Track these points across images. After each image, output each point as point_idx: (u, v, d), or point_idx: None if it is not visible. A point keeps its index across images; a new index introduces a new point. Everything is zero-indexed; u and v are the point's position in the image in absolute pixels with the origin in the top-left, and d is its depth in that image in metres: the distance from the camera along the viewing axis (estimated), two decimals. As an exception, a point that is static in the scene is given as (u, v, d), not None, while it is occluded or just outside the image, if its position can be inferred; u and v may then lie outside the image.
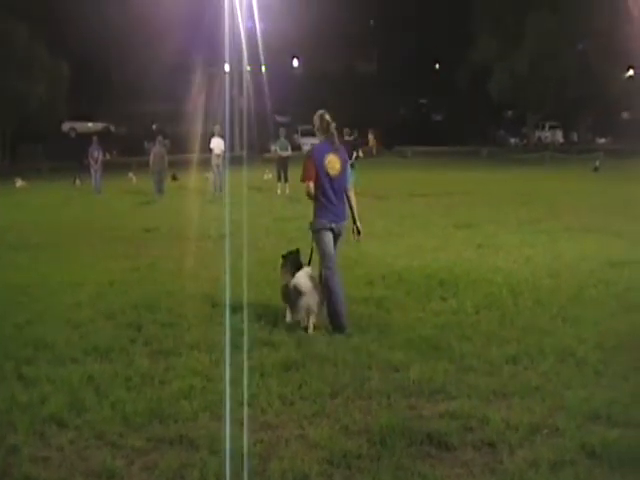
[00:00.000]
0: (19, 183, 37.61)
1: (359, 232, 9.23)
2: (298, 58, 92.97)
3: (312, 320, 8.75)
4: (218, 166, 28.28)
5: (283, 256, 9.66)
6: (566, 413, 6.16)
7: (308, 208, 9.67)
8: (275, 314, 9.44)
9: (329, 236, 8.95)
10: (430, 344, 7.97)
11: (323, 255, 8.98)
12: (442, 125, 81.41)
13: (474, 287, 10.71)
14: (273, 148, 31.90)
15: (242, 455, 5.45)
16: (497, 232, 16.25)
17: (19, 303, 10.74)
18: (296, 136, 66.49)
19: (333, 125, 9.18)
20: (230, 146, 25.65)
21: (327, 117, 9.17)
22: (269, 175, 33.79)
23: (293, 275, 9.02)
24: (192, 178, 33.78)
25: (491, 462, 5.42)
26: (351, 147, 28.50)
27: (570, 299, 9.97)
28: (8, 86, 55.97)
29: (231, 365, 7.30)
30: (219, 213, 19.31)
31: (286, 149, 28.90)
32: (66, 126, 69.19)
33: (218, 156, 28.30)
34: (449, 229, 16.95)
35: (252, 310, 9.44)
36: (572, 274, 11.57)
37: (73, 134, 67.36)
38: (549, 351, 7.68)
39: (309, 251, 9.26)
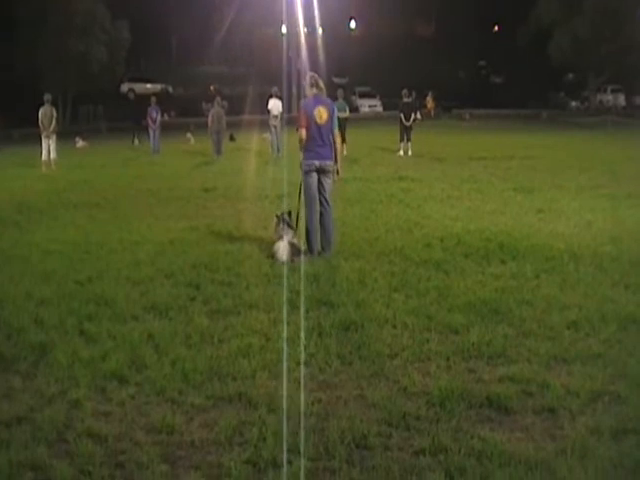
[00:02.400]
0: (79, 143, 38.05)
1: (337, 172, 11.12)
2: (355, 19, 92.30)
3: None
4: (276, 127, 28.26)
5: (277, 215, 11.03)
6: (628, 381, 6.06)
7: (367, 169, 9.87)
8: (333, 273, 9.46)
9: (314, 179, 10.76)
10: (490, 307, 7.91)
11: (306, 196, 10.78)
12: (501, 88, 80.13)
13: (534, 251, 10.57)
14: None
15: (300, 414, 5.47)
16: (557, 197, 15.99)
17: (80, 261, 10.90)
18: (354, 97, 66.20)
19: (322, 82, 10.98)
20: (288, 107, 25.58)
21: (316, 77, 11.01)
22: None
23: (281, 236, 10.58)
24: (250, 139, 33.87)
25: (551, 428, 5.36)
26: (409, 109, 28.36)
27: (632, 266, 9.77)
28: (70, 48, 56.61)
29: (289, 324, 7.34)
30: (277, 174, 19.32)
31: (344, 110, 28.67)
32: (125, 87, 69.64)
33: (276, 117, 28.27)
34: (508, 193, 16.73)
35: (310, 269, 9.47)
36: (634, 240, 11.33)
37: (132, 95, 67.74)
38: (611, 318, 7.55)
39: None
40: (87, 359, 6.76)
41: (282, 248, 10.33)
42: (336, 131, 11.13)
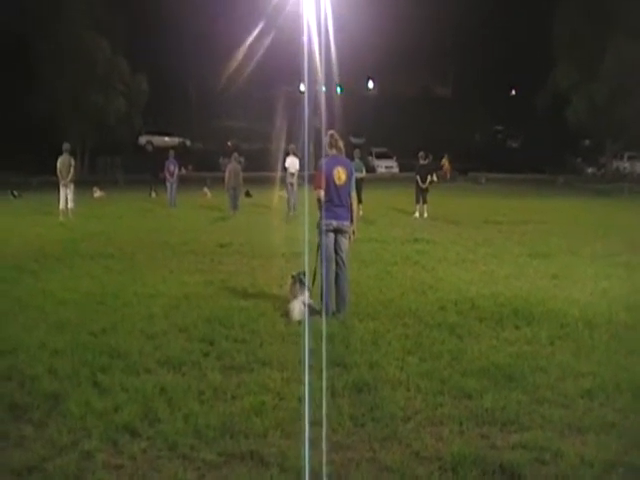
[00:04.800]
0: (97, 193, 38.41)
1: (353, 233, 11.12)
2: (373, 80, 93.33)
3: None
4: (292, 185, 28.39)
5: (292, 276, 11.02)
6: (643, 451, 6.01)
7: (382, 230, 9.87)
8: (347, 334, 9.47)
9: (331, 239, 10.75)
10: (504, 373, 7.87)
11: (323, 256, 10.61)
12: (518, 152, 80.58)
13: (549, 318, 10.53)
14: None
15: (312, 475, 5.44)
16: (573, 263, 15.96)
17: (95, 312, 10.94)
18: (370, 158, 66.61)
19: (341, 142, 11.03)
20: (306, 165, 25.62)
21: (336, 136, 11.02)
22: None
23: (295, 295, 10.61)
24: (266, 195, 34.04)
25: (565, 497, 5.32)
26: (426, 171, 28.47)
27: (648, 335, 9.75)
28: (89, 99, 57.58)
29: (303, 384, 7.32)
30: (292, 231, 19.40)
31: (361, 171, 28.82)
32: (143, 139, 70.36)
33: (292, 175, 28.42)
34: (523, 258, 16.71)
35: (324, 329, 9.45)
36: (650, 309, 11.30)
37: (150, 148, 68.43)
38: (626, 387, 7.49)
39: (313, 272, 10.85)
40: (100, 410, 6.77)
41: (297, 308, 10.32)
42: (353, 193, 11.17)
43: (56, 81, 56.90)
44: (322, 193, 10.71)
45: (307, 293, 10.59)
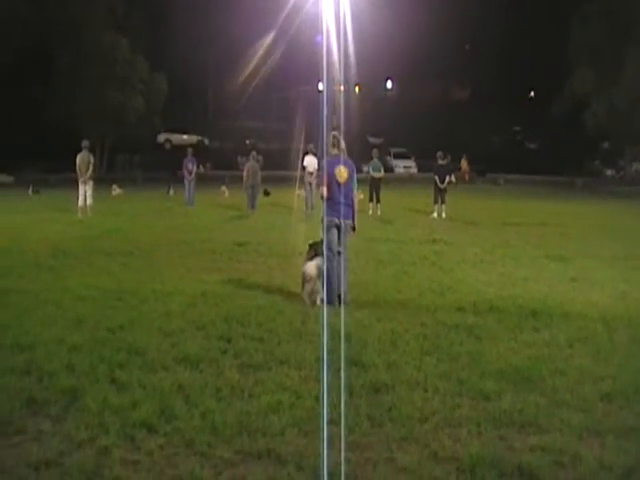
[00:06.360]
0: (116, 191, 38.54)
1: (354, 229, 11.74)
2: (392, 80, 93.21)
3: (318, 298, 11.22)
4: (310, 184, 28.38)
5: (309, 245, 11.82)
6: (662, 456, 5.96)
7: (400, 230, 9.82)
8: (365, 334, 9.45)
9: (334, 231, 11.40)
10: (522, 375, 7.83)
11: (327, 246, 11.27)
12: (536, 154, 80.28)
13: (567, 320, 10.48)
14: (365, 169, 31.76)
15: (329, 474, 5.42)
16: (591, 266, 15.87)
17: (112, 308, 10.96)
18: (388, 158, 66.50)
19: (343, 143, 11.59)
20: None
21: (338, 137, 11.60)
22: (360, 196, 33.50)
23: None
24: (284, 195, 34.04)
25: (583, 501, 5.28)
26: (444, 171, 28.40)
27: (667, 338, 9.68)
28: (108, 98, 57.79)
29: (320, 383, 7.30)
30: (310, 231, 19.37)
31: (379, 170, 28.85)
32: (161, 137, 70.50)
33: (311, 174, 28.42)
34: (541, 260, 16.64)
35: (342, 328, 9.44)
36: (669, 312, 11.22)
37: (168, 146, 68.55)
38: (645, 391, 7.45)
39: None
40: (117, 406, 6.78)
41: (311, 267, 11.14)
42: (355, 191, 11.80)
43: (76, 80, 57.16)
44: (325, 190, 11.40)
45: (320, 259, 11.24)
